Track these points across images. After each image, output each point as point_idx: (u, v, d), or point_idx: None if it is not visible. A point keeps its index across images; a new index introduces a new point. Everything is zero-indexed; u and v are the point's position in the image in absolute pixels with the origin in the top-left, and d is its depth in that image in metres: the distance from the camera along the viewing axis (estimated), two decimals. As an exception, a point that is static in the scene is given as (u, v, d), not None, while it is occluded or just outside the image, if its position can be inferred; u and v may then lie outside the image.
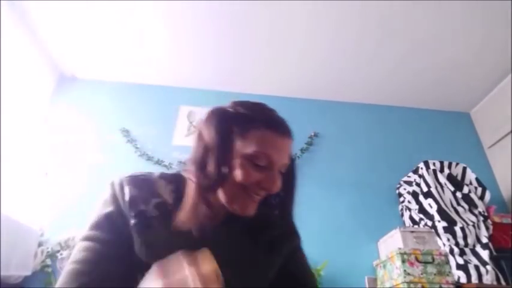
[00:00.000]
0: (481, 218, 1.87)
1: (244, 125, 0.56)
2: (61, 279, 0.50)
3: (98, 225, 0.55)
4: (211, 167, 0.53)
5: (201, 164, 0.54)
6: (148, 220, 0.54)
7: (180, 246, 0.51)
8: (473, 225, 1.83)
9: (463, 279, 1.67)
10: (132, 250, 0.53)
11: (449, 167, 2.10)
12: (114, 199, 0.56)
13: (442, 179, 2.02)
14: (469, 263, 1.72)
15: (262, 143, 0.55)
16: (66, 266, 0.52)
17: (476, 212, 1.90)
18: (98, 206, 0.58)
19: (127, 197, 0.55)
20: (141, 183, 0.58)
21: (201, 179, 0.53)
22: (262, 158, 0.55)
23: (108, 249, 0.53)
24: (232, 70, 2.52)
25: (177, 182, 0.60)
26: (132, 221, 0.53)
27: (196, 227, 0.52)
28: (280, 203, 0.64)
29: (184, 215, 0.53)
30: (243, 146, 0.55)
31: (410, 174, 2.20)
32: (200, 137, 0.58)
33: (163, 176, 0.62)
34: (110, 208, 0.56)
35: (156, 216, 0.54)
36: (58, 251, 1.93)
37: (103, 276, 0.50)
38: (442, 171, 2.07)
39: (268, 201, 0.63)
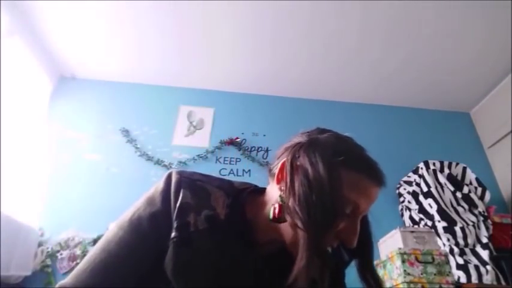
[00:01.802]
0: (481, 218, 1.87)
1: (341, 166, 0.49)
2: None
3: (139, 221, 0.51)
4: (320, 215, 0.45)
5: (309, 208, 0.46)
6: (188, 237, 0.49)
7: (214, 271, 0.48)
8: (473, 225, 1.83)
9: (463, 279, 1.67)
10: (164, 259, 0.49)
11: (449, 167, 2.10)
12: (166, 197, 0.52)
13: (442, 179, 2.02)
14: (469, 263, 1.72)
15: (356, 189, 0.49)
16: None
17: (476, 212, 1.90)
18: (146, 198, 0.53)
19: (179, 202, 0.51)
20: (198, 189, 0.53)
21: (312, 230, 0.45)
22: (351, 205, 0.49)
23: (142, 250, 0.50)
24: (235, 71, 2.52)
25: (235, 197, 0.55)
26: (173, 233, 0.49)
27: (307, 283, 0.44)
28: (362, 256, 0.57)
29: (296, 270, 0.45)
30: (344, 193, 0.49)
31: (410, 174, 2.20)
32: (301, 168, 0.50)
33: (221, 187, 0.56)
34: (157, 207, 0.51)
35: (202, 230, 0.49)
36: (58, 251, 1.94)
37: (125, 277, 0.48)
38: (442, 171, 2.07)
39: (339, 254, 0.58)
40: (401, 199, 2.22)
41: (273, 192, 0.54)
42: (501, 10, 1.92)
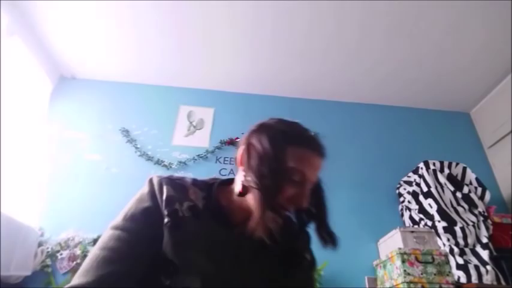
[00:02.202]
0: (481, 218, 1.87)
1: (286, 142, 0.60)
2: (89, 263, 0.52)
3: (133, 218, 0.58)
4: (267, 178, 0.56)
5: (260, 174, 0.57)
6: (179, 220, 0.58)
7: (204, 249, 0.57)
8: (473, 225, 1.83)
9: (463, 279, 1.67)
10: (161, 245, 0.56)
11: (449, 167, 2.10)
12: (153, 195, 0.61)
13: (442, 179, 2.02)
14: (469, 263, 1.72)
15: (300, 160, 0.59)
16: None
17: (476, 212, 1.90)
18: (135, 199, 0.62)
19: (164, 196, 0.60)
20: (177, 186, 0.63)
21: (263, 188, 0.56)
22: (298, 174, 0.58)
23: (140, 242, 0.55)
24: (235, 71, 2.52)
25: (208, 190, 0.66)
26: (166, 219, 0.57)
27: (265, 232, 0.55)
28: (317, 218, 0.66)
29: (253, 222, 0.55)
30: (287, 165, 0.58)
31: (410, 174, 2.20)
32: (252, 148, 0.61)
33: (195, 183, 0.66)
34: (147, 203, 0.60)
35: (188, 217, 0.59)
36: (58, 251, 1.94)
37: (130, 267, 0.53)
38: (442, 171, 2.07)
39: (300, 218, 0.68)
40: (401, 199, 2.22)
41: (239, 178, 0.64)
42: (501, 10, 1.92)
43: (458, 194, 1.96)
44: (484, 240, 1.80)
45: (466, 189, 1.98)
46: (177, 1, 1.98)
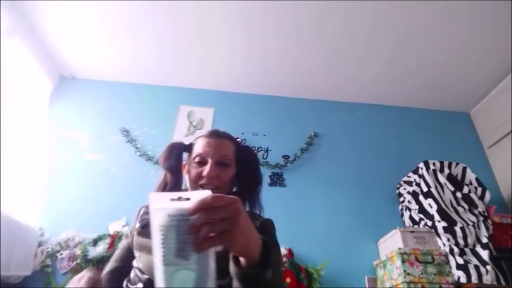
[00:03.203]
0: (481, 218, 1.87)
1: (192, 144, 0.87)
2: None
3: (125, 236, 0.93)
4: (173, 169, 0.86)
5: (164, 178, 0.86)
6: (146, 223, 0.78)
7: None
8: (473, 225, 1.83)
9: (463, 279, 1.67)
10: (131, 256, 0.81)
11: (449, 167, 2.10)
12: (134, 220, 0.85)
13: (442, 179, 2.02)
14: (469, 263, 1.72)
15: (197, 147, 0.83)
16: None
17: (476, 212, 1.90)
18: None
19: (140, 213, 0.84)
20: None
21: (168, 173, 0.86)
22: (198, 156, 0.81)
23: (123, 251, 0.87)
24: (235, 71, 2.52)
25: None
26: (138, 225, 0.80)
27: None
28: (243, 184, 0.86)
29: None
30: (192, 156, 0.83)
31: (410, 174, 2.20)
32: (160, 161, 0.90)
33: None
34: (132, 224, 0.86)
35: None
36: (58, 251, 1.93)
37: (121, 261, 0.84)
38: (442, 171, 2.07)
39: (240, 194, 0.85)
40: (401, 199, 2.22)
41: None
42: (501, 10, 1.92)
43: (458, 194, 1.96)
44: (484, 240, 1.80)
45: (466, 189, 1.98)
46: (178, 1, 1.98)
